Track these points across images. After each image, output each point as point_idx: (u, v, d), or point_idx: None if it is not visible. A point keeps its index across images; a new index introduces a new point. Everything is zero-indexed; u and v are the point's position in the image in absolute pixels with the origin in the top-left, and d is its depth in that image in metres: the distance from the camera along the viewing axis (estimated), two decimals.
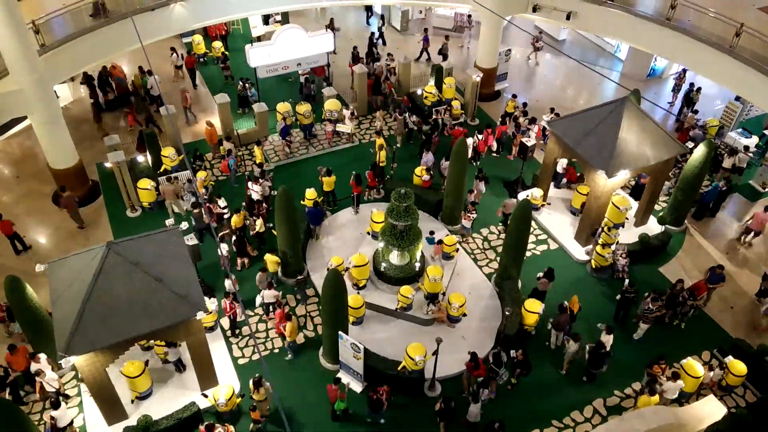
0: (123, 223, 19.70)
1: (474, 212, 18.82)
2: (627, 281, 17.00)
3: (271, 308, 16.76)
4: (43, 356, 14.78)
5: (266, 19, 28.86)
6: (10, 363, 14.71)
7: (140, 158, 20.53)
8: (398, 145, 22.39)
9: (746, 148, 21.83)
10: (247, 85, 24.04)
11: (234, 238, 18.05)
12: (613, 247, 18.18)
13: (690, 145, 20.88)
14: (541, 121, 21.95)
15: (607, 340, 15.53)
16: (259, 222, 18.39)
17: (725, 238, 19.99)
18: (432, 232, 18.63)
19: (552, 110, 22.57)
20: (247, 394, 14.64)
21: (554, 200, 20.68)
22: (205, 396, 14.43)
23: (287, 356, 16.14)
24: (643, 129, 17.82)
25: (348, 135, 22.83)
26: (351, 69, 24.59)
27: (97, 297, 12.73)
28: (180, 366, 15.50)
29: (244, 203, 19.29)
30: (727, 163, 21.15)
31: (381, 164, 20.72)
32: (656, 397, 14.31)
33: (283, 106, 22.22)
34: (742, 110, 23.76)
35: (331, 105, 22.57)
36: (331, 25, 27.36)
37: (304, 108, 22.46)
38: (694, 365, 14.79)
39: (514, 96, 23.94)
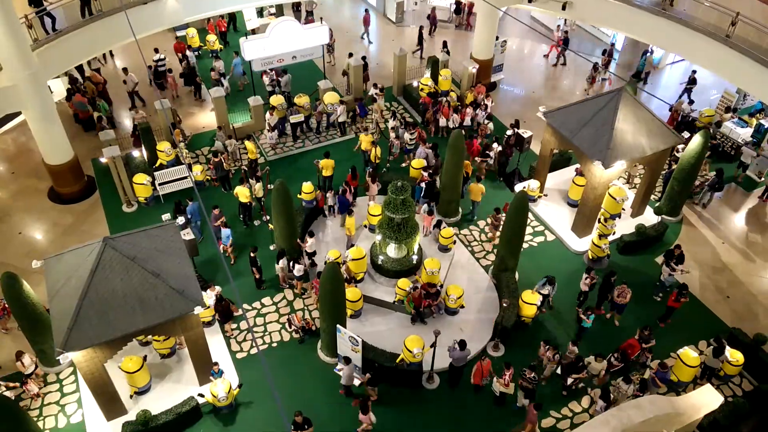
0: (119, 218, 19.66)
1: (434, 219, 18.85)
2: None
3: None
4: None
5: (260, 12, 28.74)
6: None
7: (136, 153, 20.45)
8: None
9: (753, 144, 21.83)
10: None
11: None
12: (610, 237, 18.23)
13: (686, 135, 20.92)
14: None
15: None
16: (258, 186, 18.57)
17: (721, 227, 20.05)
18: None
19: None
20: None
21: (551, 192, 20.69)
22: (202, 396, 14.43)
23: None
24: (639, 119, 17.81)
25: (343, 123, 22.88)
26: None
27: (94, 293, 12.69)
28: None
29: (244, 168, 19.62)
30: (745, 157, 21.22)
31: (376, 161, 20.68)
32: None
33: (276, 99, 22.13)
34: (737, 100, 23.75)
35: (330, 98, 22.47)
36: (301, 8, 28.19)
37: (304, 100, 22.41)
38: (690, 354, 14.86)
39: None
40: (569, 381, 15.07)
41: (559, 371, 15.21)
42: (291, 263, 17.13)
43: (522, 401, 14.65)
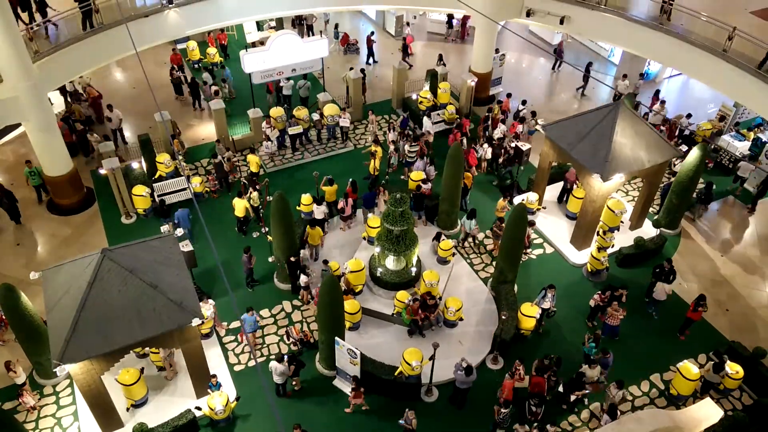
0: (118, 229, 19.64)
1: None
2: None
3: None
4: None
5: (260, 25, 28.90)
6: None
7: (135, 165, 20.47)
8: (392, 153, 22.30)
9: (750, 157, 21.90)
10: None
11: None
12: (609, 250, 18.23)
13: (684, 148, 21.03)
14: (536, 125, 22.09)
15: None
16: (255, 195, 18.78)
17: (720, 240, 20.06)
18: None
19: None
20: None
21: (550, 204, 20.71)
22: (199, 409, 14.35)
23: None
24: (637, 133, 17.88)
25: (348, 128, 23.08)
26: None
27: (91, 304, 12.66)
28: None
29: (243, 180, 19.83)
30: (743, 171, 21.29)
31: (375, 173, 20.73)
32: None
33: (276, 111, 22.22)
34: (735, 113, 23.86)
35: (330, 110, 22.58)
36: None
37: (303, 113, 22.52)
38: (689, 367, 14.82)
39: (499, 102, 24.11)
40: (572, 398, 14.92)
41: (561, 389, 15.10)
42: (298, 273, 17.11)
43: None
